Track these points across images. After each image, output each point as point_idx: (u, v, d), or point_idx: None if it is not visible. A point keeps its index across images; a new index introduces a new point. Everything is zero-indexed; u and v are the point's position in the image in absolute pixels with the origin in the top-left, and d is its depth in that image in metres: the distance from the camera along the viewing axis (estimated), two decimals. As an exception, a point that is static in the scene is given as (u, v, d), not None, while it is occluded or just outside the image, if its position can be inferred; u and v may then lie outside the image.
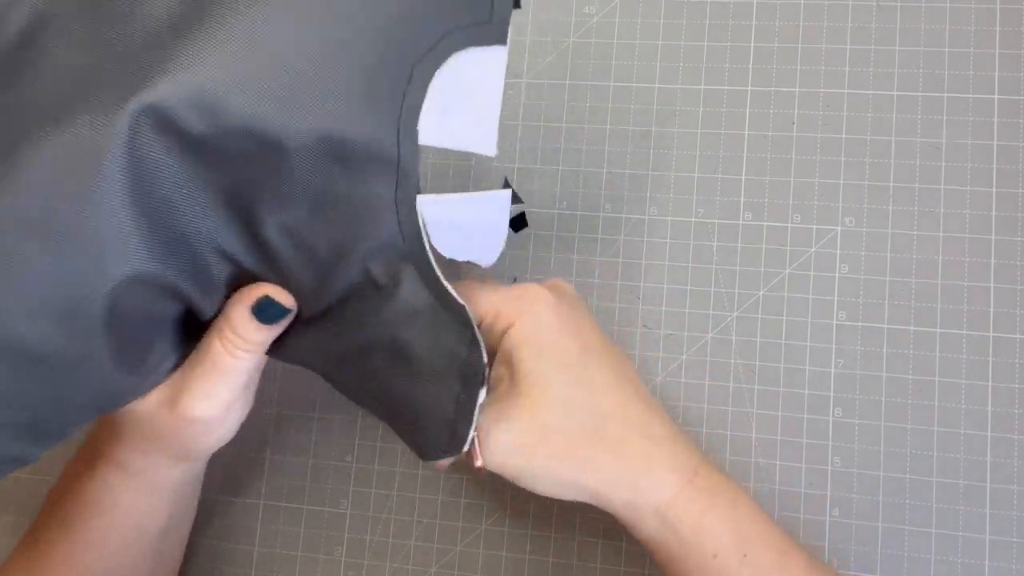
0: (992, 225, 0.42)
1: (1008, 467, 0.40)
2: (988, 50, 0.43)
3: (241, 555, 0.44)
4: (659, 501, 0.33)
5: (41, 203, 0.26)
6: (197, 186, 0.29)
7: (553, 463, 0.33)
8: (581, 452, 0.33)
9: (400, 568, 0.43)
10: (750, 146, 0.44)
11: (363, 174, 0.30)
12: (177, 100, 0.27)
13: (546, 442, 0.32)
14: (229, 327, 0.32)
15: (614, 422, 0.33)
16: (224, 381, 0.33)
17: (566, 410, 0.33)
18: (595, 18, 0.47)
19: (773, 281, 0.43)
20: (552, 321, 0.34)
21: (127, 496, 0.36)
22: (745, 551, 0.33)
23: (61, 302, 0.27)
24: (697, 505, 0.33)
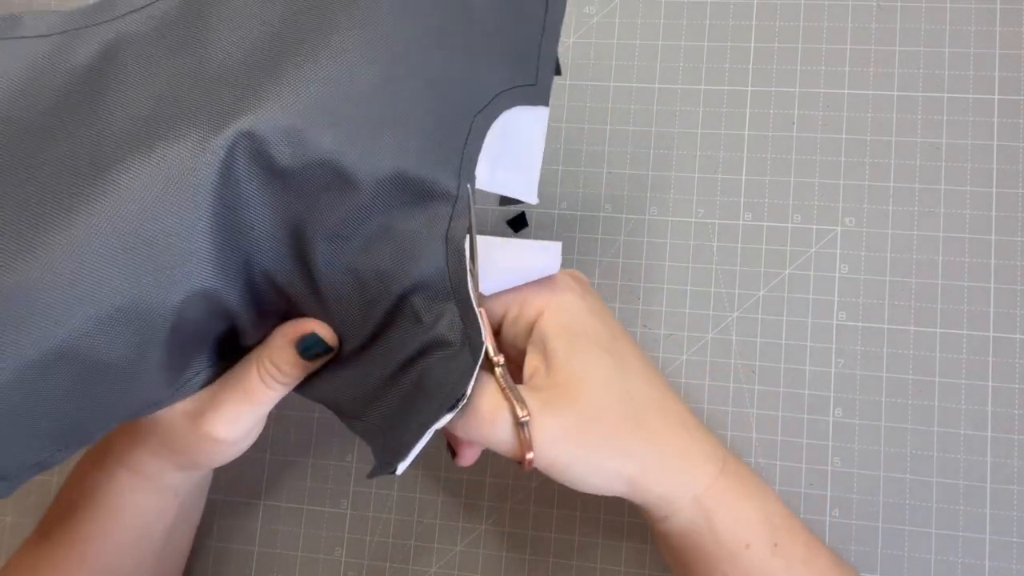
0: (992, 225, 0.42)
1: (1008, 467, 0.40)
2: (988, 50, 0.43)
3: (241, 555, 0.44)
4: (696, 490, 0.32)
5: (134, 220, 0.27)
6: (269, 215, 0.30)
7: (597, 452, 0.31)
8: (623, 440, 0.32)
9: (400, 568, 0.43)
10: (750, 146, 0.44)
11: (419, 214, 0.31)
12: (272, 130, 0.28)
13: (590, 430, 0.31)
14: (269, 358, 0.32)
15: (652, 410, 0.33)
16: (252, 409, 0.33)
17: (607, 397, 0.32)
18: (595, 18, 0.47)
19: (773, 281, 0.43)
20: (581, 308, 0.33)
21: (136, 497, 0.36)
22: (776, 541, 0.32)
23: (135, 312, 0.28)
24: (731, 494, 0.33)
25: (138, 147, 0.28)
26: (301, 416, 0.45)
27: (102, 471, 0.37)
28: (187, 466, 0.36)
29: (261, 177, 0.29)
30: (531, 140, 0.34)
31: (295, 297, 0.32)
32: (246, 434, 0.34)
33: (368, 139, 0.29)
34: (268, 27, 0.30)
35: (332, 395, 0.34)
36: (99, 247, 0.27)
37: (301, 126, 0.28)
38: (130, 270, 0.27)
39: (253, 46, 0.30)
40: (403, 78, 0.30)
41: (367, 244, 0.31)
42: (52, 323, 0.26)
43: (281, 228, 0.30)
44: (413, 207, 0.31)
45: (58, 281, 0.26)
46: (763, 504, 0.33)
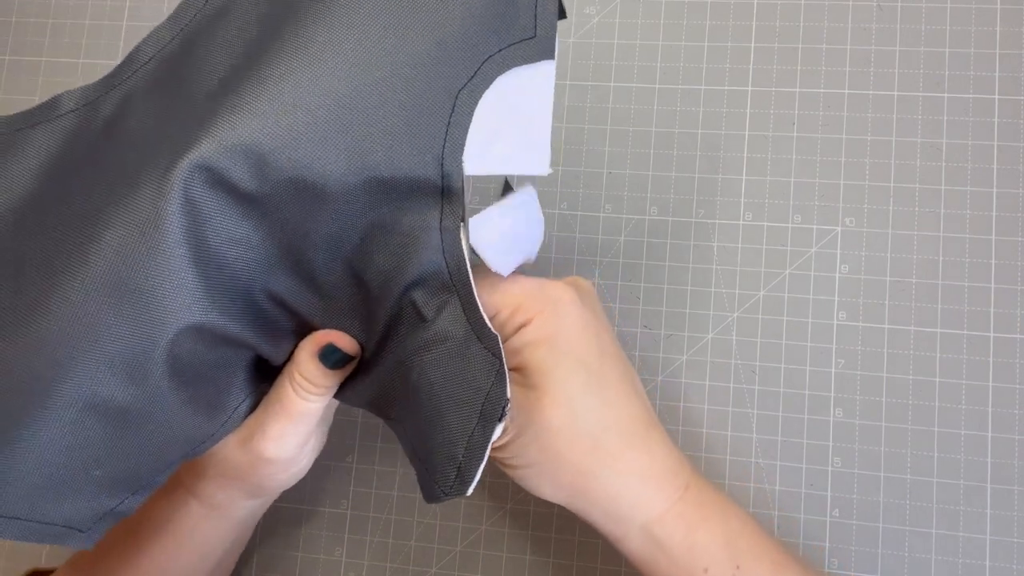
0: (992, 225, 0.42)
1: (1008, 468, 0.40)
2: (988, 50, 0.43)
3: (242, 555, 0.44)
4: (647, 517, 0.32)
5: (112, 268, 0.28)
6: (255, 238, 0.30)
7: (554, 463, 0.32)
8: (580, 458, 0.32)
9: (400, 568, 0.43)
10: (750, 146, 0.44)
11: (408, 208, 0.30)
12: (221, 155, 0.28)
13: (547, 440, 0.32)
14: (298, 372, 0.33)
15: (616, 435, 0.32)
16: (295, 424, 0.33)
17: (575, 414, 0.32)
18: (595, 18, 0.47)
19: (773, 281, 0.43)
20: (574, 321, 0.33)
21: (204, 524, 0.37)
22: (738, 563, 0.32)
23: (128, 357, 0.28)
24: (685, 520, 0.32)
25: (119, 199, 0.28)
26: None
27: (172, 501, 0.37)
28: (254, 492, 0.37)
29: (230, 205, 0.29)
30: (536, 103, 0.31)
31: (307, 311, 0.32)
32: (298, 450, 0.35)
33: (328, 148, 0.29)
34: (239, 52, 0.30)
35: (367, 399, 0.34)
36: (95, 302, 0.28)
37: (258, 147, 0.28)
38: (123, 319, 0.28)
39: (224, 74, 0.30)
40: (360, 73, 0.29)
41: (362, 246, 0.31)
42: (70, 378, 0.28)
43: (271, 248, 0.30)
44: (399, 205, 0.30)
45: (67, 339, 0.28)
46: (723, 528, 0.33)
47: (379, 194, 0.30)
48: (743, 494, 0.41)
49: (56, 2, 0.51)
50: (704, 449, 0.42)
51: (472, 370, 0.31)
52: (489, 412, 0.30)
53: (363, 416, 0.45)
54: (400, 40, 0.30)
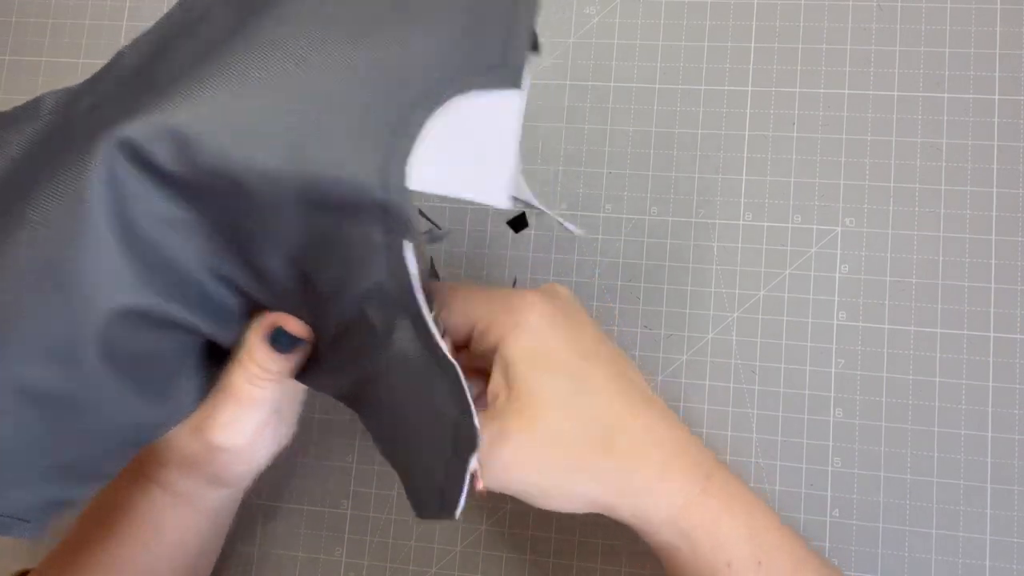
0: (992, 225, 0.42)
1: (1008, 468, 0.40)
2: (988, 50, 0.43)
3: (242, 555, 0.44)
4: (671, 510, 0.32)
5: (36, 247, 0.27)
6: (190, 221, 0.29)
7: (561, 476, 0.31)
8: (589, 463, 0.31)
9: (400, 568, 0.43)
10: (750, 147, 0.44)
11: (350, 220, 0.29)
12: (146, 134, 0.27)
13: (550, 456, 0.31)
14: (248, 356, 0.32)
15: (621, 431, 0.32)
16: (245, 410, 0.33)
17: (568, 421, 0.31)
18: (595, 18, 0.47)
19: (773, 281, 0.43)
20: (546, 330, 0.32)
21: (172, 513, 0.37)
22: (760, 559, 0.32)
23: (57, 341, 0.28)
24: (711, 512, 0.32)
25: (48, 177, 0.27)
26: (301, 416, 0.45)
27: (136, 488, 0.37)
28: (215, 481, 0.36)
29: (157, 186, 0.28)
30: (497, 132, 0.29)
31: (257, 296, 0.32)
32: (251, 438, 0.34)
33: (265, 147, 0.28)
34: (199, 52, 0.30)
35: (333, 392, 0.34)
36: (17, 283, 0.27)
37: (184, 131, 0.27)
38: (49, 300, 0.27)
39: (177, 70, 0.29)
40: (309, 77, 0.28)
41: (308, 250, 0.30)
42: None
43: (211, 233, 0.29)
44: (341, 214, 0.29)
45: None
46: (749, 521, 0.32)
47: (317, 200, 0.28)
48: (743, 494, 0.41)
49: (56, 2, 0.51)
50: (704, 449, 0.42)
51: (437, 395, 0.30)
52: (462, 443, 0.30)
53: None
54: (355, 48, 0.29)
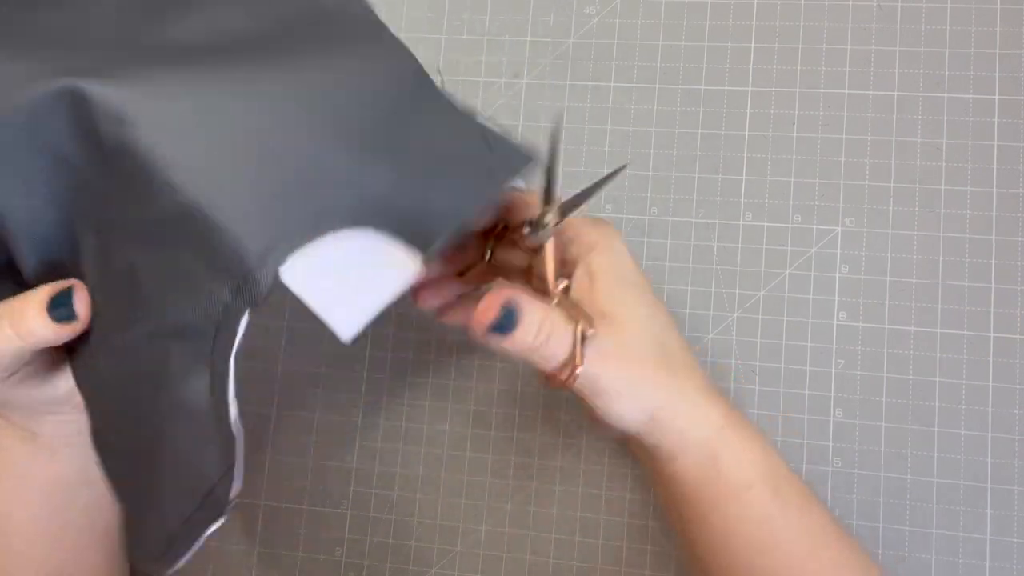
0: (993, 225, 0.42)
1: (1008, 468, 0.40)
2: (988, 50, 0.43)
3: (242, 555, 0.44)
4: (709, 429, 0.34)
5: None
6: (74, 169, 0.30)
7: (633, 378, 0.34)
8: (654, 373, 0.34)
9: (400, 569, 0.43)
10: (750, 147, 0.44)
11: (210, 261, 0.28)
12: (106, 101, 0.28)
13: (630, 358, 0.34)
14: (20, 304, 0.32)
15: (677, 356, 0.35)
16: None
17: (644, 334, 0.34)
18: (595, 19, 0.47)
19: (773, 282, 0.43)
20: (628, 256, 0.36)
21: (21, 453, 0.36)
22: (777, 486, 0.34)
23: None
24: (738, 437, 0.34)
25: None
26: (301, 416, 0.45)
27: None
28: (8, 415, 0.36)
29: (78, 129, 0.29)
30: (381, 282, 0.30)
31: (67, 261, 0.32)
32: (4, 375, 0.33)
33: (183, 159, 0.28)
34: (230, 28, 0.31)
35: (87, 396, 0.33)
36: None
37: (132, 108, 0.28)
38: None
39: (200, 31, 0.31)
40: (273, 128, 0.29)
41: (149, 255, 0.30)
42: None
43: (81, 188, 0.30)
44: (202, 249, 0.28)
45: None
46: (764, 452, 0.35)
47: (194, 231, 0.28)
48: (743, 494, 0.41)
49: None
50: (704, 449, 0.42)
51: (206, 457, 0.30)
52: (211, 506, 0.30)
53: (363, 417, 0.45)
54: (349, 146, 0.30)
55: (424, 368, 0.45)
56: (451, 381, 0.45)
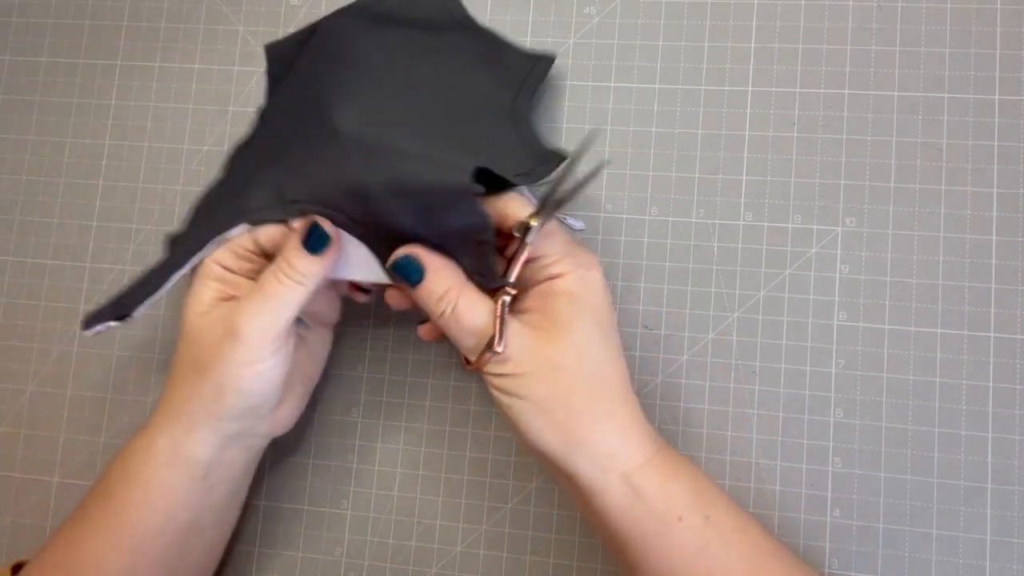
0: (993, 226, 0.42)
1: (1009, 468, 0.40)
2: (989, 51, 0.43)
3: (242, 555, 0.44)
4: (628, 467, 0.35)
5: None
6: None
7: (555, 403, 0.35)
8: (578, 400, 0.35)
9: (400, 569, 0.43)
10: (751, 147, 0.44)
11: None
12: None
13: (558, 380, 0.35)
14: (281, 256, 0.37)
15: (610, 389, 0.35)
16: (271, 305, 0.36)
17: (583, 360, 0.35)
18: (595, 19, 0.47)
19: (774, 282, 0.43)
20: (597, 287, 0.36)
21: (164, 472, 0.37)
22: (708, 514, 0.35)
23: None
24: (661, 472, 0.35)
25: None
26: (301, 416, 0.45)
27: (141, 437, 0.38)
28: (218, 403, 0.36)
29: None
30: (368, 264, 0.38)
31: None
32: (269, 340, 0.36)
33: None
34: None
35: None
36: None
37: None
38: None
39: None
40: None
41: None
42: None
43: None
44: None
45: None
46: (694, 483, 0.36)
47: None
48: (743, 494, 0.41)
49: (56, 2, 0.51)
50: (704, 450, 0.42)
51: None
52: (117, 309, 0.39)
53: (363, 416, 0.45)
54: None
55: (424, 368, 0.45)
56: (451, 381, 0.45)
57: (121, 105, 0.50)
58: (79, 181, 0.49)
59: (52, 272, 0.48)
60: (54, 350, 0.48)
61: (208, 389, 0.36)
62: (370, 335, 0.45)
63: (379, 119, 0.40)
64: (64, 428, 0.47)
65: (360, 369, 0.45)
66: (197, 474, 0.37)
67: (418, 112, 0.41)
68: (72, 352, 0.47)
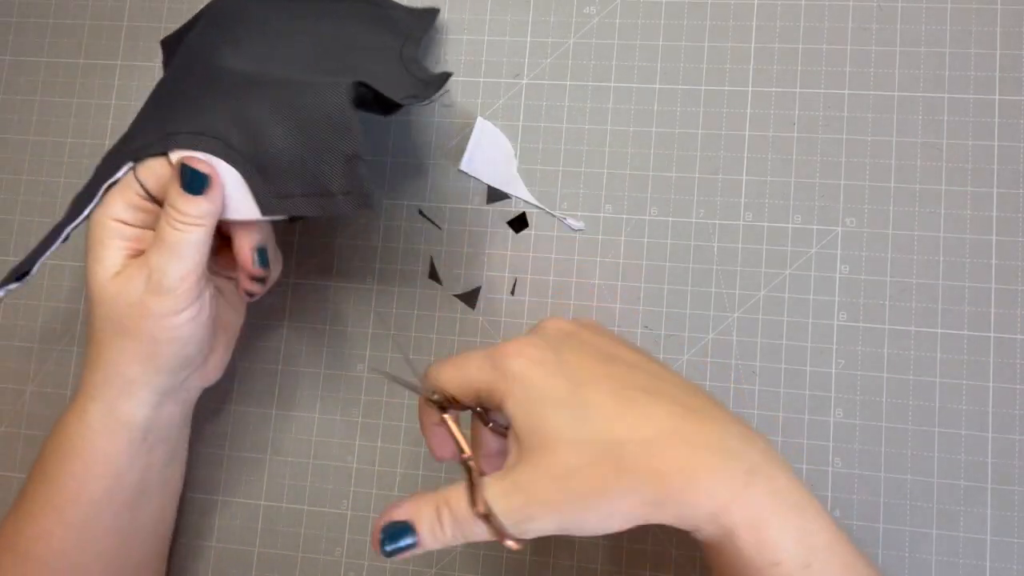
0: (993, 226, 0.42)
1: (1009, 468, 0.40)
2: (989, 51, 0.43)
3: (242, 555, 0.44)
4: (712, 507, 0.30)
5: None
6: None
7: (584, 506, 0.31)
8: (604, 486, 0.30)
9: (400, 569, 0.43)
10: (751, 147, 0.44)
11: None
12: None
13: (564, 489, 0.31)
14: (168, 203, 0.36)
15: (632, 446, 0.31)
16: (172, 253, 0.36)
17: (574, 450, 0.31)
18: (595, 19, 0.47)
19: (774, 282, 0.43)
20: (532, 373, 0.32)
21: (101, 439, 0.37)
22: (810, 561, 0.30)
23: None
24: (754, 509, 0.30)
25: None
26: (301, 417, 0.45)
27: (72, 411, 0.38)
28: (155, 359, 0.37)
29: None
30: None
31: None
32: (190, 285, 0.36)
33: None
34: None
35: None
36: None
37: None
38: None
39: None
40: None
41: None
42: None
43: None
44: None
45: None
46: (801, 522, 0.31)
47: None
48: (743, 495, 0.41)
49: (56, 2, 0.51)
50: (704, 449, 0.42)
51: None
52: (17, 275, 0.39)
53: (363, 417, 0.45)
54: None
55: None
56: (451, 381, 0.45)
57: (121, 105, 0.50)
58: (79, 181, 0.49)
59: (52, 272, 0.48)
60: (54, 350, 0.48)
61: (141, 347, 0.36)
62: (370, 336, 0.45)
63: (265, 60, 0.40)
64: (64, 428, 0.47)
65: (360, 369, 0.45)
66: (136, 437, 0.38)
67: (306, 52, 0.42)
68: (72, 352, 0.47)
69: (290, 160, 0.36)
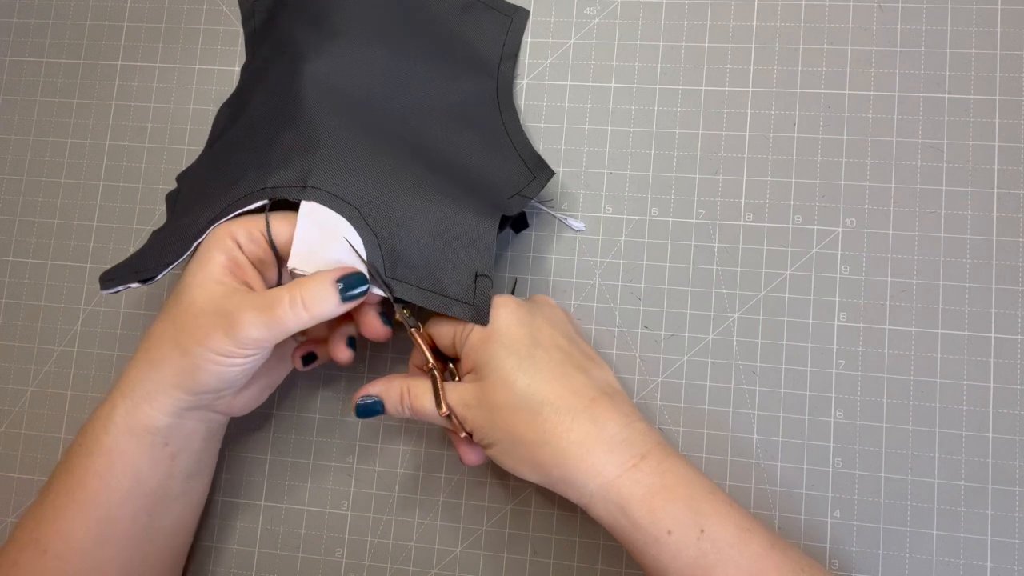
0: (993, 226, 0.42)
1: (1009, 468, 0.40)
2: (989, 51, 0.43)
3: (242, 556, 0.44)
4: (600, 482, 0.35)
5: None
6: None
7: (509, 439, 0.36)
8: (525, 430, 0.36)
9: (401, 569, 0.43)
10: (751, 147, 0.44)
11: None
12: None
13: (500, 418, 0.36)
14: (309, 284, 0.36)
15: (554, 408, 0.36)
16: (273, 323, 0.36)
17: (510, 391, 0.36)
18: (596, 19, 0.47)
19: (774, 282, 0.43)
20: (508, 320, 0.38)
21: (125, 436, 0.37)
22: (702, 526, 0.34)
23: None
24: (642, 485, 0.34)
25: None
26: (301, 417, 0.45)
27: (105, 403, 0.38)
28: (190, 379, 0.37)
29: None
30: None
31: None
32: (259, 348, 0.37)
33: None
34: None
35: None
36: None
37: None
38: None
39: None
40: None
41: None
42: None
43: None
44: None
45: None
46: (686, 492, 0.35)
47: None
48: (744, 495, 0.41)
49: (56, 2, 0.51)
50: (705, 450, 0.42)
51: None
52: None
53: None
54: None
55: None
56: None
57: (121, 105, 0.49)
58: (79, 181, 0.49)
59: (52, 272, 0.48)
60: (54, 350, 0.48)
61: (185, 364, 0.37)
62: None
63: (386, 104, 0.42)
64: (64, 428, 0.47)
65: (360, 369, 0.45)
66: (157, 441, 0.38)
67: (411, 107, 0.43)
68: (72, 352, 0.47)
69: (421, 255, 0.38)
